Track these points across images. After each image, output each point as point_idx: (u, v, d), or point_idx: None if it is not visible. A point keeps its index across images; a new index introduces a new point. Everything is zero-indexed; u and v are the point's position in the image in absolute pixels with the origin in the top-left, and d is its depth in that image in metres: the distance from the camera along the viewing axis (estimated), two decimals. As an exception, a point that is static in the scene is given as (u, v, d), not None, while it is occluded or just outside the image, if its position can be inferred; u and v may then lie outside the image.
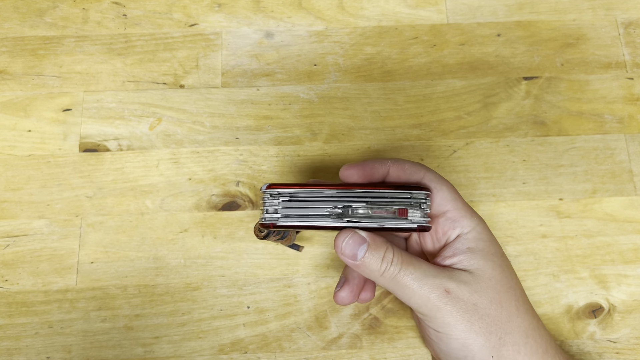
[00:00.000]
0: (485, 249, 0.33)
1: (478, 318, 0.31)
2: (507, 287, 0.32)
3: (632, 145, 0.43)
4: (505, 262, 0.33)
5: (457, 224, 0.33)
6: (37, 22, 0.45)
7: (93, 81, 0.44)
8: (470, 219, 0.33)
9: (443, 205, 0.33)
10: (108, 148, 0.42)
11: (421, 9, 0.46)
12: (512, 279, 0.33)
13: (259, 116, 0.43)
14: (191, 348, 0.38)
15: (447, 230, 0.33)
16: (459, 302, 0.31)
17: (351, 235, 0.31)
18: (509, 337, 0.31)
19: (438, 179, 0.34)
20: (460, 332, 0.31)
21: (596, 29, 0.45)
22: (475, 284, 0.31)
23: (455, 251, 0.33)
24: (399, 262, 0.31)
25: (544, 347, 0.32)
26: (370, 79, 0.44)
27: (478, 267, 0.32)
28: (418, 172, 0.34)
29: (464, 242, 0.33)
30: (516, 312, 0.32)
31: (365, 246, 0.31)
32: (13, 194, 0.41)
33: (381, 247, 0.31)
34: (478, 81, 0.44)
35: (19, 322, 0.38)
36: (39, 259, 0.40)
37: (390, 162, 0.34)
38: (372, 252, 0.31)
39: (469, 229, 0.33)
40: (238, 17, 0.46)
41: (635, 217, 0.41)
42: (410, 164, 0.34)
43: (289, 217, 0.30)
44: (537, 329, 0.32)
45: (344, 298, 0.35)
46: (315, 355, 0.38)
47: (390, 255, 0.31)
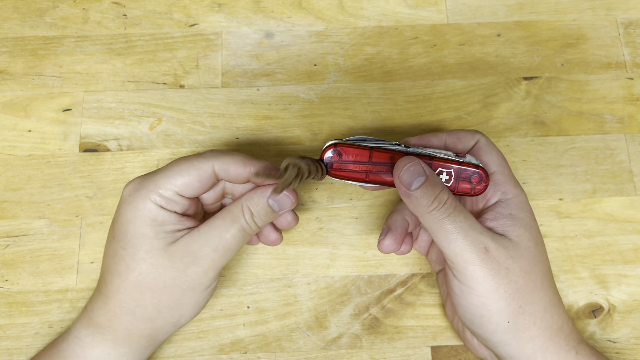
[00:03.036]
0: (525, 219, 0.33)
1: (506, 282, 0.31)
2: (537, 261, 0.32)
3: (632, 145, 0.43)
4: (540, 237, 0.34)
5: (499, 187, 0.34)
6: (37, 22, 0.45)
7: (93, 81, 0.44)
8: (514, 186, 0.34)
9: (489, 167, 0.34)
10: (108, 148, 0.42)
11: (421, 9, 0.46)
12: (543, 254, 0.33)
13: (259, 116, 0.43)
14: (191, 348, 0.38)
15: (488, 192, 0.34)
16: (494, 262, 0.31)
17: (414, 164, 0.31)
18: (528, 307, 0.31)
19: (489, 144, 0.35)
20: (484, 291, 0.31)
21: (596, 29, 0.45)
22: (513, 250, 0.32)
23: (497, 215, 0.33)
24: (451, 206, 0.31)
25: (559, 324, 0.32)
26: (370, 79, 0.44)
27: (518, 234, 0.32)
28: (473, 138, 0.35)
29: (506, 207, 0.33)
30: (540, 286, 0.32)
31: (423, 179, 0.31)
32: (13, 194, 0.41)
33: (438, 186, 0.31)
34: (478, 81, 0.44)
35: (19, 322, 0.38)
36: (39, 259, 0.40)
37: (445, 135, 0.36)
38: (428, 187, 0.31)
39: (511, 196, 0.34)
40: (238, 17, 0.46)
41: (635, 217, 0.41)
42: (465, 132, 0.35)
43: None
44: (557, 306, 0.33)
45: (388, 246, 0.35)
46: (315, 355, 0.38)
47: (445, 197, 0.31)
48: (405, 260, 0.40)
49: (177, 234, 0.32)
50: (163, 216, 0.32)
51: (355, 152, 0.33)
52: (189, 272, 0.32)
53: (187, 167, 0.32)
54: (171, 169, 0.32)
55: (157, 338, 0.34)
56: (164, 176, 0.32)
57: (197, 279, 0.32)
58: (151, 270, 0.32)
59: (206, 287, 0.33)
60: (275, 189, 0.31)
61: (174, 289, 0.32)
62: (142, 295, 0.32)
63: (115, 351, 0.33)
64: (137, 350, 0.33)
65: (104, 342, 0.33)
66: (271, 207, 0.33)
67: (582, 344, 0.33)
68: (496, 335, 0.32)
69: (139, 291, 0.32)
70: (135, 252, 0.31)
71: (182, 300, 0.32)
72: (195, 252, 0.32)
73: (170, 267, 0.32)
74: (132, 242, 0.32)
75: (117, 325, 0.32)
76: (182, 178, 0.32)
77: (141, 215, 0.32)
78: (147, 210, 0.32)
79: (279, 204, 0.33)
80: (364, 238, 0.40)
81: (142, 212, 0.32)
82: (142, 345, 0.33)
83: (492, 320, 0.31)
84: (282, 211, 0.34)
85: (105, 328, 0.33)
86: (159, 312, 0.32)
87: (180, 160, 0.33)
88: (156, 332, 0.33)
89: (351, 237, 0.41)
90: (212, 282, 0.33)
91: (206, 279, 0.33)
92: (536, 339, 0.32)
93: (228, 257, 0.33)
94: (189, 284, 0.32)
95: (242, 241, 0.33)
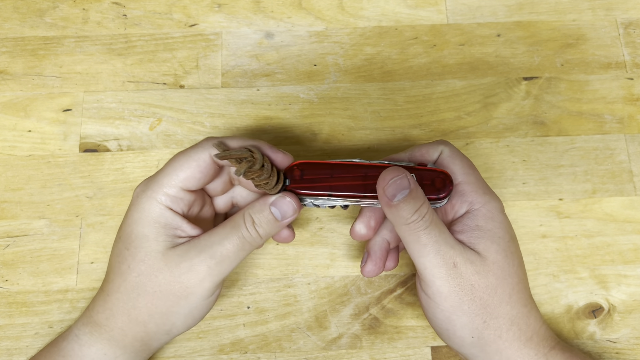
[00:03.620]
0: (494, 229, 0.32)
1: (470, 299, 0.31)
2: (506, 274, 0.32)
3: (632, 145, 0.43)
4: (512, 246, 0.33)
5: (466, 198, 0.33)
6: (37, 23, 0.45)
7: (93, 81, 0.44)
8: (481, 195, 0.33)
9: (456, 177, 0.34)
10: (108, 148, 0.42)
11: (421, 9, 0.46)
12: (514, 266, 0.32)
13: (259, 116, 0.43)
14: (191, 348, 0.38)
15: (455, 204, 0.33)
16: (460, 278, 0.31)
17: (401, 177, 0.31)
18: (493, 321, 0.31)
19: (452, 153, 0.34)
20: (448, 306, 0.31)
21: (596, 29, 0.45)
22: (480, 265, 0.31)
23: (464, 227, 0.33)
24: (428, 220, 0.31)
25: (528, 334, 0.32)
26: (370, 79, 0.44)
27: (484, 248, 0.32)
28: (436, 150, 0.35)
29: (473, 218, 0.33)
30: (507, 300, 0.32)
31: (406, 192, 0.31)
32: (13, 194, 0.41)
33: (419, 199, 0.31)
34: (478, 81, 0.44)
35: (19, 322, 0.38)
36: (39, 259, 0.40)
37: (409, 152, 0.35)
38: (410, 200, 0.31)
39: (478, 206, 0.33)
40: (238, 18, 0.46)
41: (635, 217, 0.41)
42: (428, 145, 0.35)
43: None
44: (526, 317, 0.32)
45: (370, 271, 0.35)
46: (315, 355, 0.38)
47: (425, 210, 0.31)
48: (405, 261, 0.40)
49: (179, 240, 0.32)
50: (167, 218, 0.32)
51: (316, 168, 0.33)
52: (183, 279, 0.31)
53: (186, 160, 0.32)
54: (171, 165, 0.32)
55: (149, 344, 0.33)
56: (166, 174, 0.32)
57: (191, 288, 0.31)
58: (148, 273, 0.31)
59: (202, 298, 0.32)
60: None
61: (167, 295, 0.31)
62: (138, 297, 0.32)
63: (111, 351, 0.33)
64: (132, 353, 0.33)
65: (100, 341, 0.33)
66: (273, 214, 0.33)
67: (554, 350, 0.33)
68: (463, 348, 0.32)
69: (136, 292, 0.32)
70: (136, 252, 0.32)
71: (174, 309, 0.32)
72: (192, 259, 0.31)
73: (166, 272, 0.31)
74: (135, 242, 0.32)
75: (112, 325, 0.32)
76: (183, 172, 0.32)
77: (145, 215, 0.32)
78: (151, 211, 0.32)
79: (281, 211, 0.33)
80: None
81: (146, 212, 0.32)
82: (136, 349, 0.33)
83: (457, 335, 0.32)
84: (284, 220, 0.33)
85: (102, 327, 0.33)
86: (150, 317, 0.32)
87: (178, 155, 0.33)
88: (149, 337, 0.33)
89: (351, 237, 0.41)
90: (208, 293, 0.32)
91: (201, 288, 0.32)
92: (503, 352, 0.32)
93: (226, 268, 0.32)
94: (183, 292, 0.32)
95: (242, 251, 0.32)
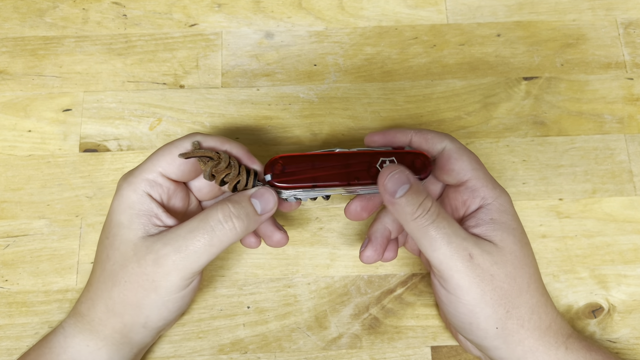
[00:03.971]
0: (508, 222, 0.33)
1: (491, 289, 0.31)
2: (523, 263, 0.32)
3: (632, 145, 0.43)
4: (525, 238, 0.33)
5: (477, 193, 0.33)
6: (37, 22, 0.45)
7: (93, 81, 0.44)
8: (492, 190, 0.33)
9: (463, 175, 0.33)
10: (108, 148, 0.42)
11: (421, 9, 0.46)
12: (529, 256, 0.33)
13: (259, 116, 0.43)
14: (191, 348, 0.38)
15: (467, 200, 0.34)
16: (478, 269, 0.31)
17: (399, 171, 0.31)
18: (515, 311, 0.31)
19: (459, 149, 0.34)
20: (471, 299, 0.31)
21: (596, 29, 0.45)
22: (497, 255, 0.31)
23: (478, 221, 0.33)
24: (434, 213, 0.31)
25: (547, 322, 0.32)
26: (370, 79, 0.44)
27: (501, 239, 0.32)
28: (441, 142, 0.34)
29: (487, 212, 0.33)
30: (527, 288, 0.32)
31: (407, 186, 0.31)
32: (13, 194, 0.41)
33: (421, 193, 0.31)
34: (478, 81, 0.44)
35: (19, 322, 0.38)
36: (39, 259, 0.40)
37: (413, 132, 0.35)
38: (412, 195, 0.31)
39: (491, 200, 0.33)
40: (238, 17, 0.46)
41: (635, 217, 0.41)
42: (434, 134, 0.35)
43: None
44: (544, 306, 0.33)
45: (369, 257, 0.35)
46: (315, 355, 0.38)
47: (429, 204, 0.31)
48: (405, 260, 0.40)
49: (153, 229, 0.31)
50: (142, 204, 0.31)
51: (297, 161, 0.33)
52: (148, 272, 0.30)
53: (168, 148, 0.32)
54: (154, 153, 0.33)
55: (129, 336, 0.32)
56: (147, 162, 0.32)
57: (157, 281, 0.30)
58: (120, 262, 0.31)
59: (171, 292, 0.31)
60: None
61: (137, 286, 0.31)
62: (112, 286, 0.31)
63: (93, 343, 0.32)
64: (112, 345, 0.32)
65: (82, 332, 0.33)
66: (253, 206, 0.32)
67: (571, 338, 0.33)
68: (486, 340, 0.32)
69: (111, 281, 0.31)
70: (113, 240, 0.31)
71: (145, 301, 0.31)
72: (157, 251, 0.30)
73: (134, 263, 0.31)
74: (113, 230, 0.32)
75: (93, 315, 0.32)
76: (163, 158, 0.32)
77: (122, 202, 0.32)
78: (128, 197, 0.32)
79: (262, 203, 0.32)
80: (364, 238, 0.40)
81: (123, 199, 0.32)
82: (117, 340, 0.32)
83: (480, 327, 0.32)
84: (264, 213, 0.32)
85: (84, 317, 0.33)
86: (124, 308, 0.31)
87: (165, 145, 0.33)
88: (127, 330, 0.32)
89: (351, 237, 0.41)
90: (176, 288, 0.31)
91: (167, 282, 0.30)
92: (525, 341, 0.32)
93: (194, 263, 0.30)
94: (151, 285, 0.30)
95: (212, 246, 0.31)
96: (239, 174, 0.32)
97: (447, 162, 0.34)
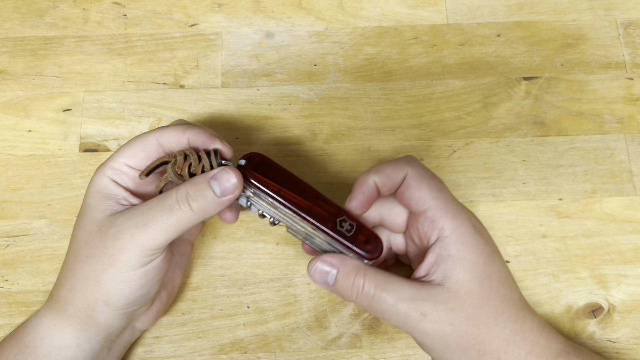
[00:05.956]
0: (466, 257, 0.31)
1: (454, 337, 0.30)
2: (485, 300, 0.31)
3: (631, 145, 0.43)
4: (488, 267, 0.31)
5: (435, 224, 0.32)
6: (37, 22, 0.45)
7: (93, 81, 0.44)
8: (451, 220, 0.31)
9: (421, 204, 0.32)
10: (108, 148, 0.42)
11: (421, 9, 0.46)
12: (493, 287, 0.31)
13: (259, 116, 0.43)
14: (191, 348, 0.38)
15: (427, 231, 0.32)
16: (436, 324, 0.30)
17: (319, 263, 0.32)
18: (488, 347, 0.31)
19: (419, 176, 0.32)
20: (438, 354, 0.31)
21: (596, 29, 0.45)
22: (452, 301, 0.30)
23: (437, 257, 0.31)
24: (372, 287, 0.31)
25: (527, 349, 0.31)
26: (370, 79, 0.44)
27: (457, 280, 0.31)
28: (400, 171, 0.33)
29: (444, 247, 0.31)
30: (495, 323, 0.31)
31: (334, 273, 0.32)
32: (13, 194, 0.41)
33: (351, 274, 0.31)
34: (478, 81, 0.44)
35: (19, 322, 0.38)
36: (39, 259, 0.40)
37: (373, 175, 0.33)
38: (341, 281, 0.31)
39: (449, 232, 0.31)
40: (238, 17, 0.46)
41: (635, 217, 0.41)
42: (393, 167, 0.33)
43: None
44: (521, 332, 0.31)
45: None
46: (315, 355, 0.38)
47: (361, 281, 0.31)
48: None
49: (119, 208, 0.32)
50: (109, 189, 0.33)
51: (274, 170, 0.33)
52: (108, 245, 0.31)
53: (134, 140, 0.33)
54: (123, 144, 0.34)
55: (93, 317, 0.32)
56: (116, 151, 0.33)
57: (115, 255, 0.31)
58: (84, 238, 0.32)
59: (130, 267, 0.31)
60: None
61: (97, 260, 0.31)
62: (76, 263, 0.32)
63: (59, 322, 0.32)
64: (78, 325, 0.32)
65: (50, 312, 0.33)
66: (212, 189, 0.31)
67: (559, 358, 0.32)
68: None
69: (75, 258, 0.32)
70: (81, 220, 0.33)
71: (104, 275, 0.31)
72: (118, 226, 0.31)
73: (97, 237, 0.31)
74: (82, 212, 0.33)
75: (59, 294, 0.33)
76: (128, 149, 0.33)
77: (92, 186, 0.33)
78: (97, 182, 0.33)
79: (221, 185, 0.31)
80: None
81: (93, 184, 0.33)
82: (81, 320, 0.32)
83: None
84: (224, 197, 0.31)
85: (52, 297, 0.33)
86: (85, 284, 0.31)
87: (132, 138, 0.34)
88: (90, 308, 0.32)
89: (351, 237, 0.41)
90: (134, 263, 0.31)
91: (125, 257, 0.31)
92: None
93: (153, 239, 0.31)
94: (109, 259, 0.31)
95: (170, 225, 0.31)
96: (200, 161, 0.32)
97: (406, 190, 0.33)
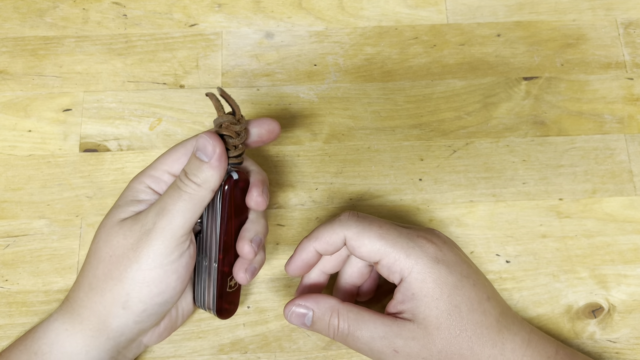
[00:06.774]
0: (429, 293, 0.31)
1: None
2: (457, 332, 0.31)
3: (632, 145, 0.43)
4: (454, 300, 0.31)
5: (393, 269, 0.32)
6: (37, 22, 0.45)
7: (93, 81, 0.44)
8: (406, 259, 0.32)
9: (372, 257, 0.33)
10: (108, 148, 0.42)
11: (421, 9, 0.46)
12: (462, 318, 0.31)
13: (259, 116, 0.43)
14: (191, 348, 0.38)
15: (389, 275, 0.33)
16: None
17: (295, 307, 0.33)
18: None
19: (357, 235, 0.33)
20: None
21: (596, 29, 0.45)
22: (423, 338, 0.31)
23: (404, 297, 0.32)
24: (346, 326, 0.32)
25: None
26: (370, 79, 0.44)
27: (424, 316, 0.31)
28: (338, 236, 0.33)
29: (408, 287, 0.32)
30: (469, 353, 0.31)
31: (310, 315, 0.33)
32: (13, 194, 0.41)
33: (326, 314, 0.33)
34: (478, 81, 0.44)
35: (19, 322, 0.38)
36: (39, 259, 0.40)
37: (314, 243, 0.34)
38: (318, 320, 0.33)
39: (407, 273, 0.32)
40: (238, 17, 0.46)
41: (635, 217, 0.41)
42: (329, 232, 0.34)
43: None
44: (500, 356, 0.32)
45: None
46: (315, 355, 0.38)
47: (335, 321, 0.32)
48: (405, 260, 0.40)
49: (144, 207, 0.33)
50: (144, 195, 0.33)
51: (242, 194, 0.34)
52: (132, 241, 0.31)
53: (176, 146, 0.34)
54: (165, 152, 0.34)
55: (107, 322, 0.32)
56: (160, 158, 0.34)
57: (140, 248, 0.31)
58: (105, 239, 0.32)
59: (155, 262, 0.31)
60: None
61: (121, 259, 0.31)
62: (98, 264, 0.32)
63: (71, 327, 0.32)
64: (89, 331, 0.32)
65: (63, 315, 0.33)
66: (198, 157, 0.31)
67: None
68: None
69: (96, 260, 0.32)
70: (105, 221, 0.33)
71: (127, 274, 0.31)
72: (142, 219, 0.32)
73: (120, 235, 0.32)
74: (107, 214, 0.33)
75: (76, 296, 0.33)
76: (170, 156, 0.33)
77: (126, 191, 0.33)
78: (133, 187, 0.33)
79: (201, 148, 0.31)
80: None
81: (129, 189, 0.33)
82: (94, 327, 0.32)
83: None
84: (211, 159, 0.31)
85: (68, 299, 0.33)
86: (105, 283, 0.31)
87: (173, 145, 0.34)
88: (106, 311, 0.31)
89: (351, 237, 0.41)
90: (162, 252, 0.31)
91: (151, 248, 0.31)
92: None
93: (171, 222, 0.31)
94: (135, 254, 0.31)
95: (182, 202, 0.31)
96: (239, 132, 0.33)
97: (353, 251, 0.33)
